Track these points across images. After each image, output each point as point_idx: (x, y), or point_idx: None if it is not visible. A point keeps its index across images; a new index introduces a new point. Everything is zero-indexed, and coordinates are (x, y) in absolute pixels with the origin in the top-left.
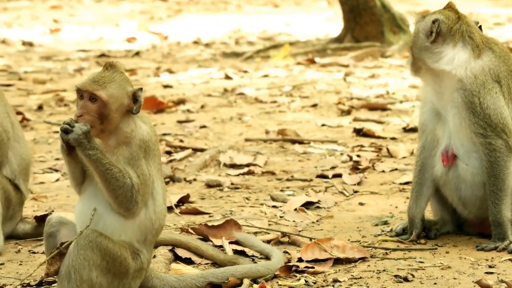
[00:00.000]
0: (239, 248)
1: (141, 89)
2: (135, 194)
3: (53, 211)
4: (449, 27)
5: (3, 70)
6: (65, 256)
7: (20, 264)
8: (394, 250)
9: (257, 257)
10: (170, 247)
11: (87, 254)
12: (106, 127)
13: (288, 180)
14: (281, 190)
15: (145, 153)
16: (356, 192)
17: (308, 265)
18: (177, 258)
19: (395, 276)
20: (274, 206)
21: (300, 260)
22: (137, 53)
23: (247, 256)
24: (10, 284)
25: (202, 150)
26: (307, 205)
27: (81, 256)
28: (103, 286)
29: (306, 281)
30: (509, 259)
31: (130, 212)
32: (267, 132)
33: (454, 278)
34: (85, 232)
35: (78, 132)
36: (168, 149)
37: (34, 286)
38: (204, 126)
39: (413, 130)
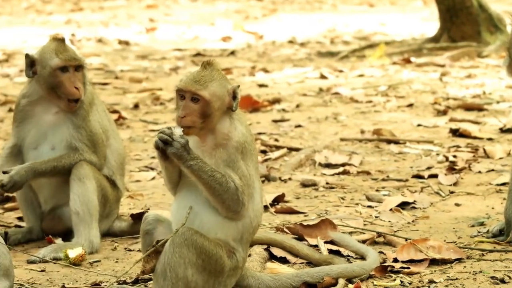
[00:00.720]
0: (334, 247)
1: (238, 86)
2: (240, 196)
3: (149, 209)
4: None
5: (100, 68)
6: (161, 254)
7: (116, 262)
8: (491, 251)
9: (352, 257)
10: (265, 246)
11: (183, 252)
12: (207, 126)
13: (383, 180)
14: (377, 190)
15: (243, 154)
16: (452, 192)
17: (404, 265)
18: (272, 257)
19: (492, 277)
20: (369, 206)
21: (395, 260)
22: (233, 52)
23: (342, 256)
24: (107, 281)
25: (297, 149)
26: (403, 205)
27: (176, 254)
28: (199, 284)
29: (401, 282)
30: None
31: (239, 215)
32: (362, 132)
33: None
34: (181, 230)
35: (177, 146)
36: (263, 148)
37: (130, 284)
38: (299, 126)
39: (510, 130)
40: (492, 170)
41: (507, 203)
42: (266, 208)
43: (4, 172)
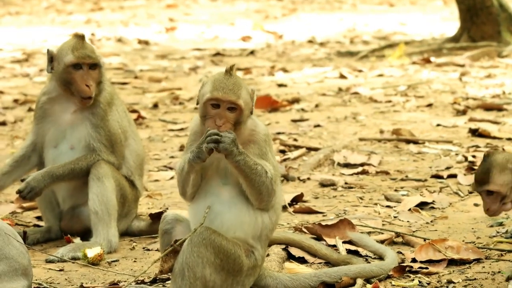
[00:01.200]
0: (352, 247)
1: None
2: (274, 185)
3: (167, 208)
4: None
5: (119, 68)
6: (179, 254)
7: (134, 261)
8: (510, 251)
9: (370, 257)
10: (283, 246)
11: (201, 251)
12: (236, 131)
13: (402, 180)
14: (395, 190)
15: (269, 146)
16: (471, 192)
17: (422, 265)
18: (290, 257)
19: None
20: (388, 206)
21: (414, 260)
22: (252, 52)
23: (360, 256)
24: (125, 281)
25: (316, 149)
26: (422, 205)
27: (194, 253)
28: (217, 284)
29: (419, 282)
30: None
31: (270, 204)
32: (381, 132)
33: None
34: (199, 230)
35: (228, 142)
36: (282, 148)
37: (148, 283)
38: (318, 125)
39: None
40: None
41: None
42: (284, 207)
43: (22, 180)
